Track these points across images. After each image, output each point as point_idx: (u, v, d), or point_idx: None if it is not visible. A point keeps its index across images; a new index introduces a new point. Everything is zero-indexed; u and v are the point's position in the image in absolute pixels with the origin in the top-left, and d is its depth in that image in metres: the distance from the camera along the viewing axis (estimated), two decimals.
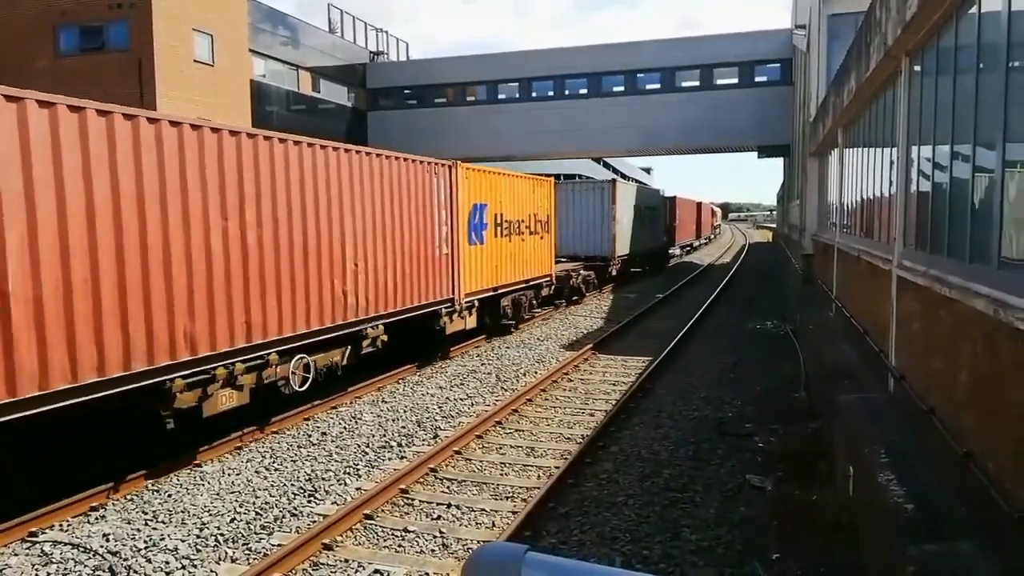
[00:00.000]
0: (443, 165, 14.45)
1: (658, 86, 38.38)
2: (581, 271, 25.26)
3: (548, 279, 20.82)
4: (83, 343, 7.13)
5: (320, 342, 10.72)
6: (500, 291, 17.26)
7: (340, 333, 11.13)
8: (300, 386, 10.28)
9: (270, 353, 9.61)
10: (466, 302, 15.25)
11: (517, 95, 40.45)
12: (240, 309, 9.07)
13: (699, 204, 62.57)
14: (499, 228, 17.15)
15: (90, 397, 7.19)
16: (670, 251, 44.33)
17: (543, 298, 21.04)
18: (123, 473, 8.12)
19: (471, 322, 15.74)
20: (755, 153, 41.80)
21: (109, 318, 7.38)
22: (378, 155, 12.24)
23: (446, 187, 14.48)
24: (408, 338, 13.69)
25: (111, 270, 7.42)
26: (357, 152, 11.64)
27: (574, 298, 24.61)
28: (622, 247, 29.36)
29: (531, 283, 19.42)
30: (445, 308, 14.46)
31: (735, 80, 37.24)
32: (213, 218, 8.69)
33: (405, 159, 13.07)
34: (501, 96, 40.83)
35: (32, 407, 6.68)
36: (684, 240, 51.85)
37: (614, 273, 28.97)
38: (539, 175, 21.12)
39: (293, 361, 10.12)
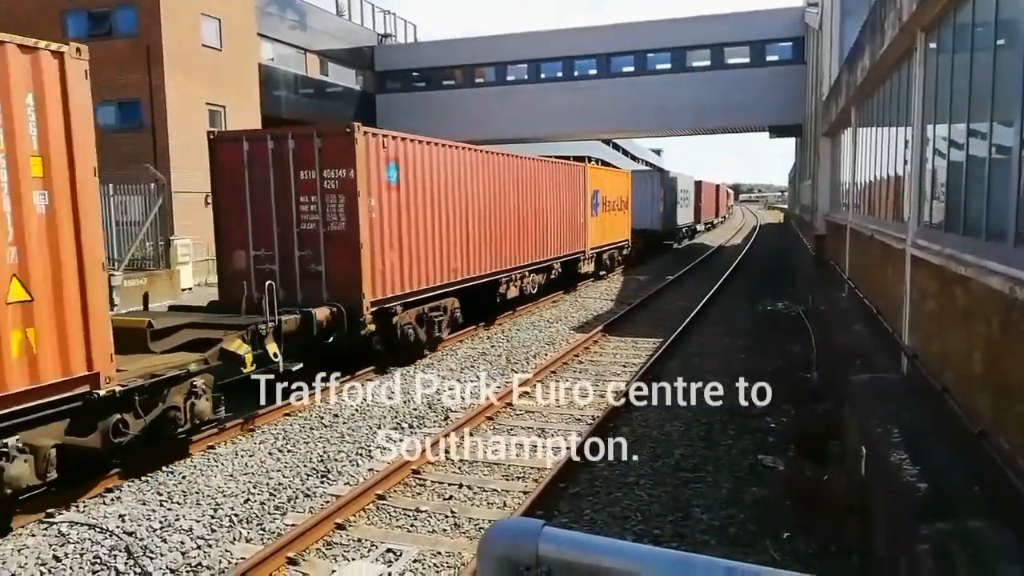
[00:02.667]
0: (581, 165, 23.32)
1: (668, 66, 37.97)
2: (640, 240, 31.93)
3: (627, 242, 28.87)
4: (479, 258, 15.48)
5: (536, 268, 19.06)
6: (603, 248, 25.31)
7: (544, 264, 19.59)
8: (534, 290, 18.91)
9: (525, 270, 18.13)
10: (590, 254, 23.63)
11: (526, 76, 40.08)
12: (517, 246, 17.55)
13: (717, 187, 69.76)
14: (604, 205, 25.08)
15: (475, 283, 15.41)
16: (696, 227, 50.26)
17: (623, 256, 28.93)
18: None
19: (591, 267, 24.27)
20: (767, 133, 41.46)
21: (484, 248, 15.74)
22: (558, 162, 21.37)
23: (581, 179, 22.77)
24: (561, 275, 21.44)
25: (491, 228, 16.01)
26: (551, 160, 20.85)
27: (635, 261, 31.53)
28: (666, 222, 36.11)
29: (617, 244, 27.46)
30: (580, 256, 22.76)
31: (746, 59, 36.81)
32: (513, 205, 17.24)
33: (566, 164, 22.13)
34: (510, 78, 40.47)
35: (464, 284, 14.83)
36: (707, 218, 58.74)
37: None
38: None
39: (529, 276, 18.43)
